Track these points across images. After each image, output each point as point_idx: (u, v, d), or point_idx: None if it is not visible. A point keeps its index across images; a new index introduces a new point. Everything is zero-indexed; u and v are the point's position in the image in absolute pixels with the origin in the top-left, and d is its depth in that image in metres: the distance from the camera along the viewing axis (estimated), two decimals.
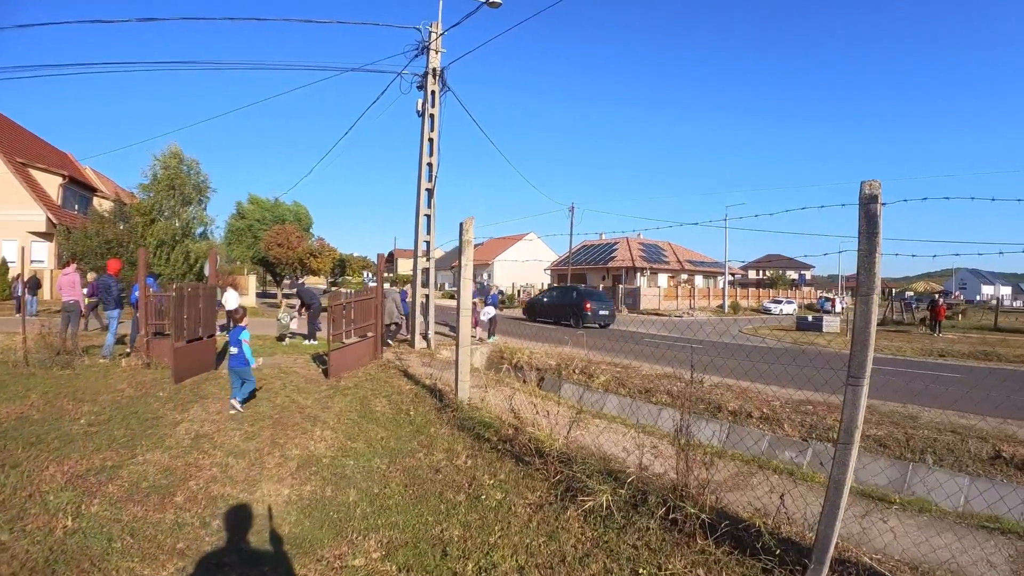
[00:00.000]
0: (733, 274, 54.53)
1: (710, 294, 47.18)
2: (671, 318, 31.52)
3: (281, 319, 13.24)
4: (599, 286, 41.76)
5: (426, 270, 13.24)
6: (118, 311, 10.00)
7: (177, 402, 6.88)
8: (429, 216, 12.91)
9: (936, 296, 33.91)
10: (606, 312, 23.10)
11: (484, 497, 4.29)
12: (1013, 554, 3.71)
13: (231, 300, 14.25)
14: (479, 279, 49.00)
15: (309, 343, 12.50)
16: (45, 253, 25.61)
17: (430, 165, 12.76)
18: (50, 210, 25.41)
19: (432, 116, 12.66)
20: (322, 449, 5.47)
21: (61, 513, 3.88)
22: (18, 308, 15.85)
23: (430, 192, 12.84)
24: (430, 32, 12.28)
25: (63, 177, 27.52)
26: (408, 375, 9.07)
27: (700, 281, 50.22)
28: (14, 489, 4.21)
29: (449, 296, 43.79)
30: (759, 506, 3.83)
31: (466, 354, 6.69)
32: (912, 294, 64.65)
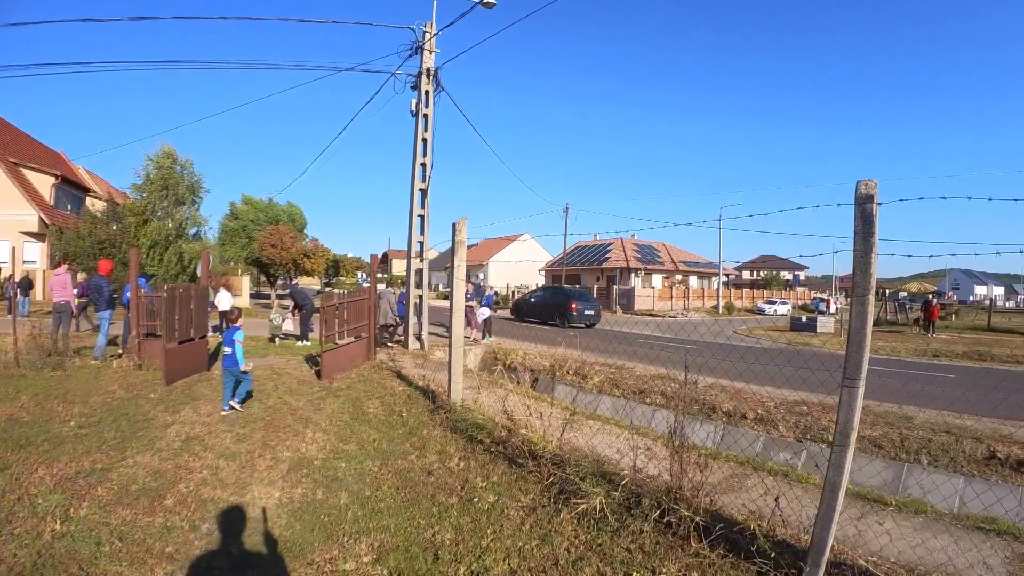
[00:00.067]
0: (727, 275, 54.68)
1: (704, 295, 47.30)
2: (665, 319, 31.58)
3: (273, 320, 13.18)
4: (593, 287, 41.89)
5: (420, 271, 13.20)
6: (110, 312, 9.92)
7: (168, 404, 6.82)
8: (423, 217, 12.87)
9: (929, 296, 34.15)
10: (591, 312, 23.73)
11: (477, 500, 4.25)
12: (1010, 556, 3.70)
13: (224, 301, 14.20)
14: (474, 280, 48.91)
15: (302, 344, 12.45)
16: (37, 253, 25.45)
17: (424, 165, 12.73)
18: (42, 210, 25.25)
19: (426, 116, 12.63)
20: (314, 451, 5.43)
21: (50, 516, 3.83)
22: (10, 309, 15.68)
23: (424, 192, 12.80)
24: (424, 32, 12.25)
25: (56, 177, 27.35)
26: (401, 376, 9.02)
27: (694, 282, 50.31)
28: (2, 492, 4.16)
29: (443, 297, 43.68)
30: (754, 508, 3.81)
31: (459, 355, 6.66)
32: (905, 294, 65.08)
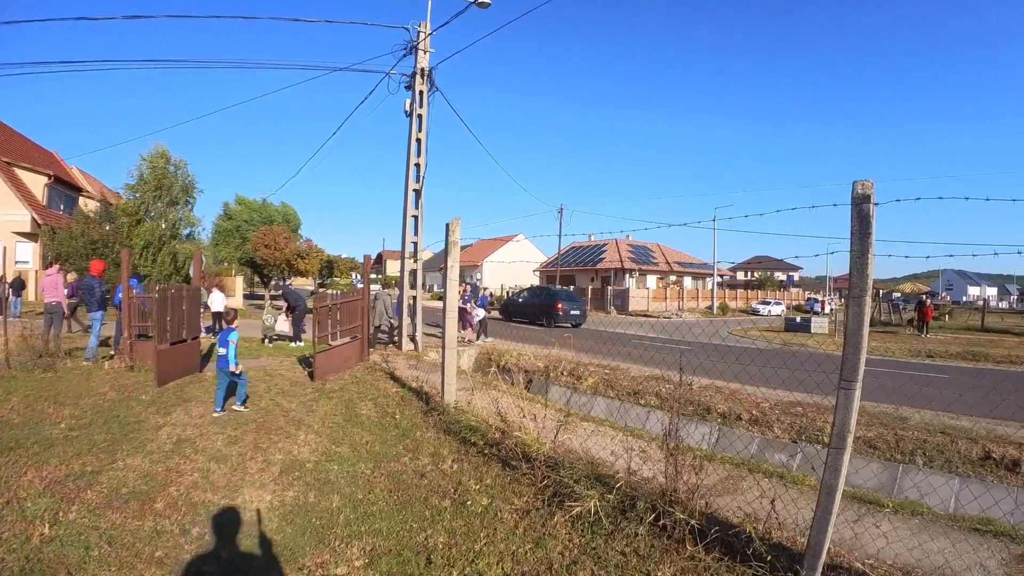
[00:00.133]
0: (721, 275, 54.79)
1: (699, 295, 47.38)
2: (660, 319, 31.63)
3: (265, 320, 13.10)
4: (587, 287, 42.04)
5: (413, 271, 13.15)
6: (101, 313, 9.82)
7: (159, 406, 6.75)
8: (416, 217, 12.82)
9: (923, 297, 34.35)
10: (577, 312, 24.66)
11: (470, 503, 4.21)
12: (1007, 557, 3.68)
13: (217, 301, 14.12)
14: (469, 280, 48.83)
15: (295, 345, 12.38)
16: (30, 254, 25.24)
17: (418, 166, 12.68)
18: (35, 210, 25.03)
19: (420, 116, 12.58)
20: (306, 454, 5.38)
21: (38, 520, 3.77)
22: (1, 310, 15.55)
23: (418, 193, 12.75)
24: (418, 32, 12.21)
25: (48, 176, 27.10)
26: (395, 378, 8.97)
27: (689, 282, 50.43)
28: None
29: (437, 297, 43.62)
30: (749, 511, 3.79)
31: (452, 357, 6.62)
32: (899, 295, 65.39)
